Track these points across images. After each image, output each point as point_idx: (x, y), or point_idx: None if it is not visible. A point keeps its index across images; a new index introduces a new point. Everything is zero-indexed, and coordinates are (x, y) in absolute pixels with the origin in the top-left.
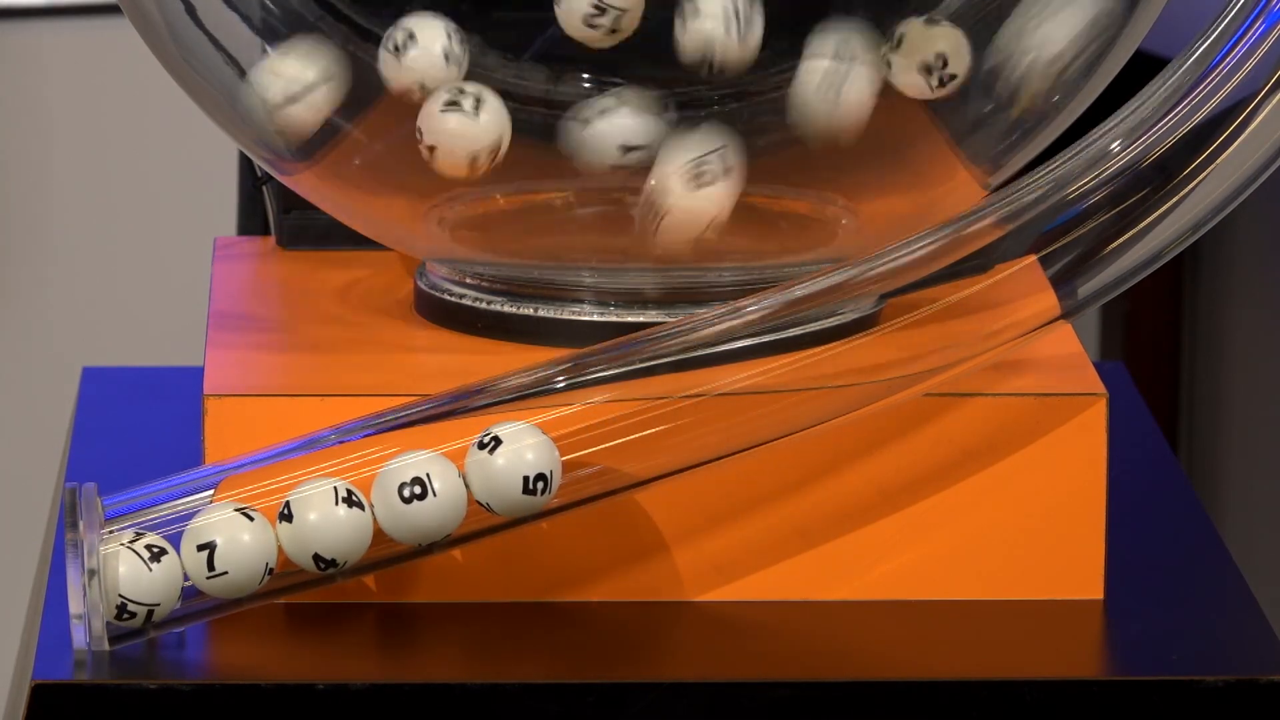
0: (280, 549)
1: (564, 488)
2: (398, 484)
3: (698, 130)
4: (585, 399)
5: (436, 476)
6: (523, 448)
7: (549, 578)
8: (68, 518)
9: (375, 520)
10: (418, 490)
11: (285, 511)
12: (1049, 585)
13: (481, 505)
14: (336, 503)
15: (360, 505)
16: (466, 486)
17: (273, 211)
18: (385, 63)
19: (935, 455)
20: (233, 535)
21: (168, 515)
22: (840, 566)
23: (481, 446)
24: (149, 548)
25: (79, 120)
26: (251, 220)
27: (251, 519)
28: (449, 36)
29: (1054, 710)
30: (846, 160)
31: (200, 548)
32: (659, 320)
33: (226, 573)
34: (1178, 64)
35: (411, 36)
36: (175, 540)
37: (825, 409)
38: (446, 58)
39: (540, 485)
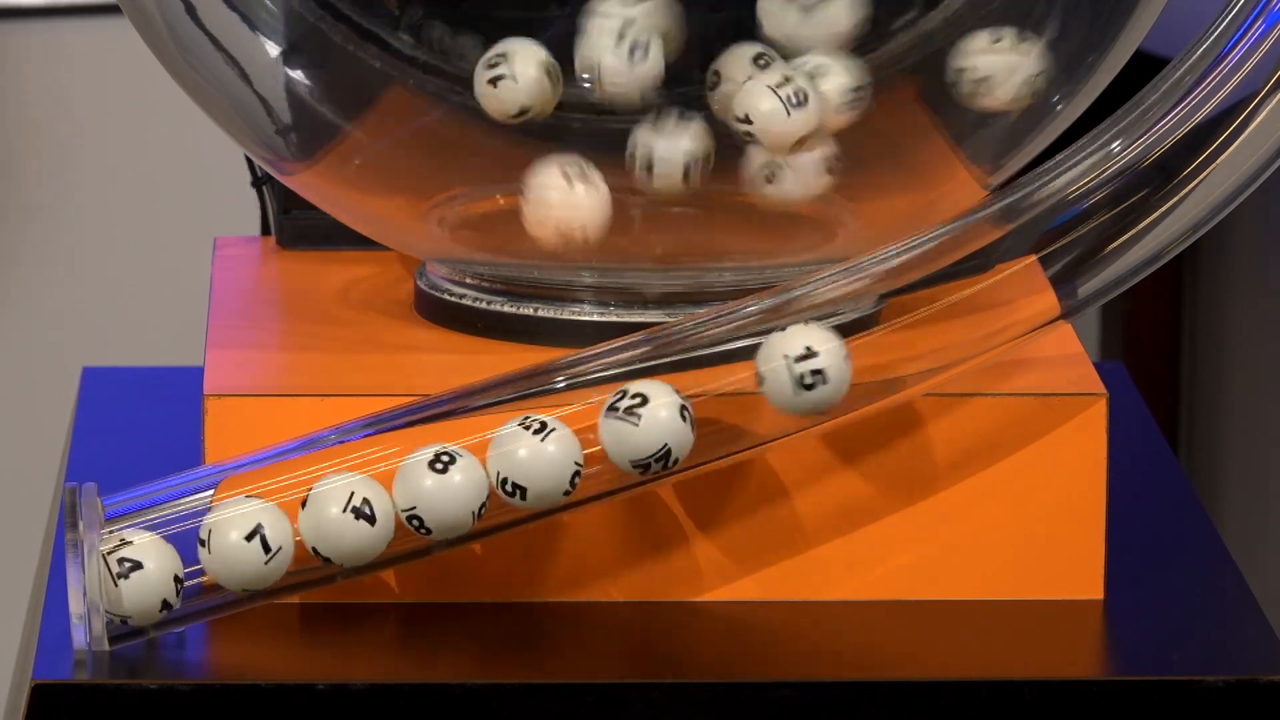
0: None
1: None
2: (426, 462)
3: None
4: (585, 399)
5: (457, 456)
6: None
7: (550, 578)
8: (68, 518)
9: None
10: (444, 461)
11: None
12: (1049, 585)
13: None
14: (345, 510)
15: (370, 519)
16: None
17: (273, 211)
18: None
19: (935, 455)
20: (264, 515)
21: (168, 515)
22: (840, 566)
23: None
24: (121, 561)
25: (78, 120)
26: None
27: (260, 500)
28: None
29: (1054, 710)
30: (846, 160)
31: (249, 536)
32: (659, 320)
33: (280, 548)
34: (1178, 64)
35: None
36: (174, 540)
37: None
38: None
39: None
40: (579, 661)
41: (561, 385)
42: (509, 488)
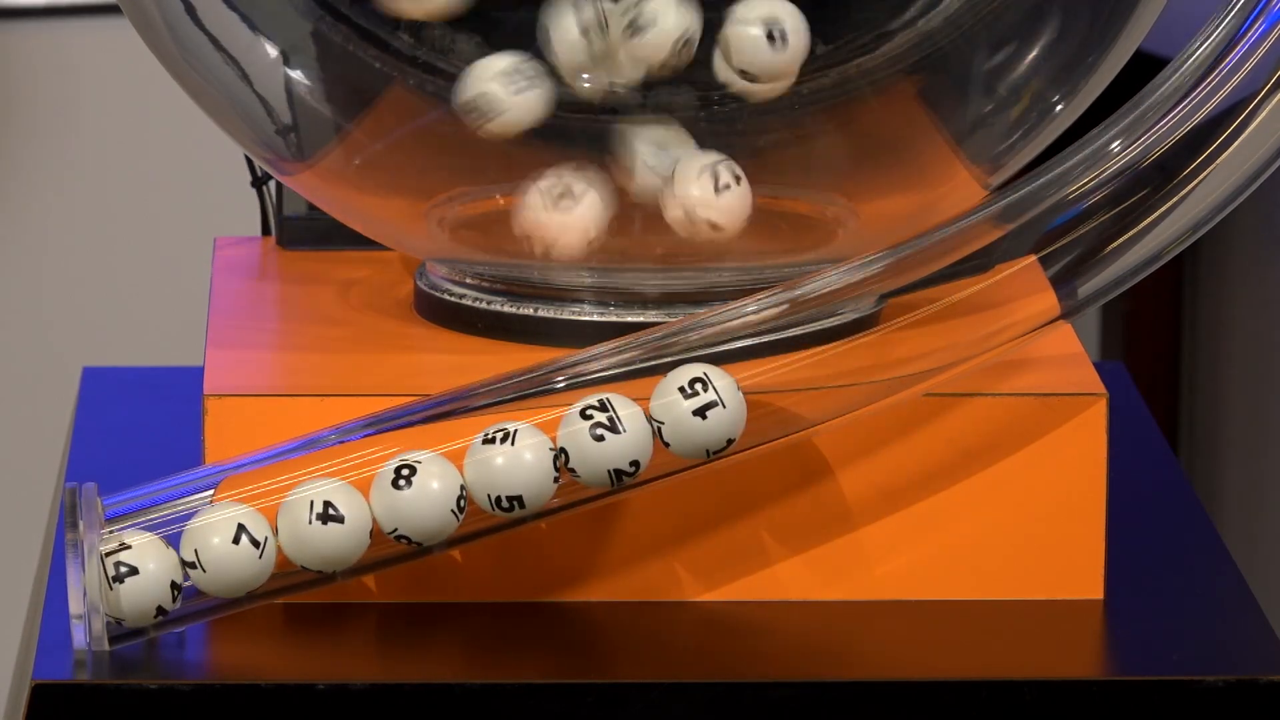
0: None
1: (565, 487)
2: (390, 480)
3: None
4: (585, 399)
5: (429, 463)
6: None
7: (549, 578)
8: (68, 518)
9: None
10: (405, 475)
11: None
12: (1049, 585)
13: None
14: (310, 522)
15: (339, 520)
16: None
17: (273, 211)
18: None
19: (935, 455)
20: (240, 516)
21: (168, 515)
22: (840, 566)
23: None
24: (118, 565)
25: (78, 120)
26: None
27: (230, 504)
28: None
29: (1054, 710)
30: (846, 160)
31: (235, 539)
32: (659, 320)
33: (267, 538)
34: (1178, 64)
35: None
36: (175, 540)
37: (825, 409)
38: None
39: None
40: (578, 661)
41: (561, 385)
42: (504, 504)
